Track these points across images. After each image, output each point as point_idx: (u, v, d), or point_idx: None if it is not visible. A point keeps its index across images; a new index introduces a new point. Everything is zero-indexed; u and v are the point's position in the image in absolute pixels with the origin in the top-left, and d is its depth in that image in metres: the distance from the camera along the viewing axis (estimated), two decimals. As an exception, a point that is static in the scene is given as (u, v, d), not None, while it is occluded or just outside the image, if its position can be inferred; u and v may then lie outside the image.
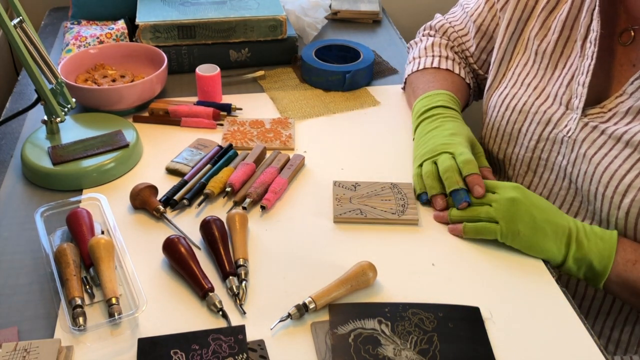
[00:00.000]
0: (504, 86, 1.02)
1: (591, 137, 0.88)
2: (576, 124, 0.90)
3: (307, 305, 0.75)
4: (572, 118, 0.90)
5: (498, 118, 1.01)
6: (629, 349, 0.95)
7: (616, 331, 0.95)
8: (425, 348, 0.72)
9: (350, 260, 0.81)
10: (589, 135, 0.88)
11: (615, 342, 0.95)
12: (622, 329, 0.94)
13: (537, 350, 0.73)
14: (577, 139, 0.89)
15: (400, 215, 0.90)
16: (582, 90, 0.89)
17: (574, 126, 0.90)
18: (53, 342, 0.68)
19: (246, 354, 0.70)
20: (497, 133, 1.01)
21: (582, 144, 0.89)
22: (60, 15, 1.51)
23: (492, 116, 1.02)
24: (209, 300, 0.76)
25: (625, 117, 0.86)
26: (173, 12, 1.26)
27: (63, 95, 1.00)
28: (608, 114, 0.88)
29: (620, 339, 0.95)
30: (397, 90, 1.24)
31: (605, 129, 0.87)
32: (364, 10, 1.51)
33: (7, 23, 0.90)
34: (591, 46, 0.88)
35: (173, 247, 0.81)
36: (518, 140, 0.98)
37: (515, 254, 0.86)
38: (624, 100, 0.86)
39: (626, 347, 0.95)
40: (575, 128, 0.90)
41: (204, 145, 1.04)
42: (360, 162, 1.03)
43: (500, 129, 1.00)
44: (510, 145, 1.00)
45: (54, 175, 0.95)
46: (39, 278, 0.81)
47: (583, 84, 0.89)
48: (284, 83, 1.25)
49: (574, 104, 0.90)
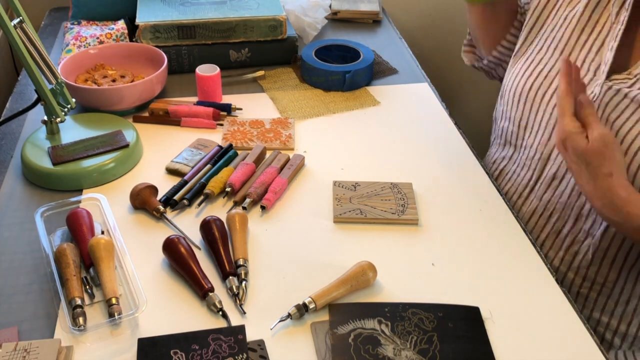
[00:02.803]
0: (530, 51, 1.01)
1: (614, 101, 0.88)
2: (600, 87, 0.89)
3: (307, 305, 0.75)
4: (597, 84, 0.90)
5: (521, 83, 1.00)
6: (635, 342, 0.95)
7: (623, 324, 0.94)
8: (425, 348, 0.72)
9: (350, 260, 0.81)
10: (613, 99, 0.88)
11: (621, 335, 0.95)
12: (629, 322, 0.94)
13: (537, 350, 0.73)
14: (601, 103, 0.89)
15: (400, 215, 0.90)
16: (609, 55, 0.89)
17: (598, 91, 0.89)
18: (53, 342, 0.68)
19: (246, 354, 0.70)
20: (520, 98, 1.00)
21: (606, 108, 0.88)
22: (60, 15, 1.51)
23: (516, 81, 1.01)
24: (209, 300, 0.76)
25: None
26: (173, 12, 1.26)
27: (63, 95, 1.00)
28: (633, 79, 0.87)
29: (628, 332, 0.95)
30: (397, 90, 1.24)
31: (629, 93, 0.87)
32: (364, 10, 1.51)
33: (7, 23, 0.90)
34: (625, 12, 0.89)
35: (173, 247, 0.81)
36: (541, 106, 0.97)
37: (515, 253, 0.86)
38: None
39: (632, 340, 0.95)
40: (599, 92, 0.89)
41: (204, 145, 1.04)
42: (360, 162, 1.03)
43: (523, 94, 0.99)
44: (533, 112, 0.98)
45: (54, 175, 0.95)
46: (39, 278, 0.81)
47: (611, 48, 0.89)
48: (284, 83, 1.25)
49: (601, 70, 0.90)
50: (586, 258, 0.93)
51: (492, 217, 0.92)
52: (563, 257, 0.96)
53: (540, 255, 0.86)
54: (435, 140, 1.09)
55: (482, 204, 0.95)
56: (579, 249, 0.94)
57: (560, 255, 0.96)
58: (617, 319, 0.94)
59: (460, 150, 1.07)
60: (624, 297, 0.92)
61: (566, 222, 0.95)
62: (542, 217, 0.98)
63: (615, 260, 0.91)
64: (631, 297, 0.92)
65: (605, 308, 0.94)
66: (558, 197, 0.96)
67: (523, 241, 0.88)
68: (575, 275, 0.95)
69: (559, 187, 0.96)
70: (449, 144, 1.08)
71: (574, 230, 0.94)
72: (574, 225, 0.94)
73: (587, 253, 0.92)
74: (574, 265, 0.94)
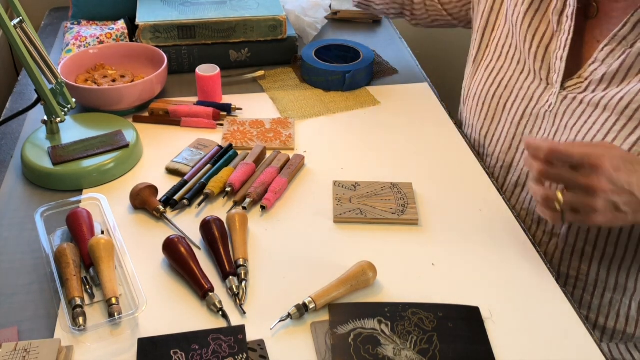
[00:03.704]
0: (489, 59, 1.02)
1: (571, 108, 0.90)
2: (556, 97, 0.91)
3: (307, 305, 0.75)
4: (553, 93, 0.92)
5: (484, 92, 1.01)
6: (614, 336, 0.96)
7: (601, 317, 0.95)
8: (425, 348, 0.72)
9: (350, 260, 0.81)
10: (569, 106, 0.90)
11: (600, 328, 0.96)
12: (607, 316, 0.95)
13: (537, 350, 0.73)
14: (557, 112, 0.91)
15: (400, 215, 0.90)
16: (560, 65, 0.91)
17: (554, 100, 0.91)
18: (53, 342, 0.68)
19: (246, 354, 0.70)
20: (483, 107, 1.02)
21: (563, 116, 0.90)
22: (60, 15, 1.51)
23: (478, 90, 1.02)
24: (209, 300, 0.76)
25: (600, 84, 0.87)
26: (173, 12, 1.26)
27: (63, 95, 1.00)
28: (585, 82, 0.89)
29: (606, 325, 0.95)
30: (397, 90, 1.24)
31: (584, 99, 0.88)
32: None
33: (7, 23, 0.90)
34: (568, 20, 0.90)
35: (173, 247, 0.81)
36: (502, 115, 0.99)
37: (515, 253, 0.86)
38: (597, 68, 0.88)
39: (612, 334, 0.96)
40: (555, 102, 0.91)
41: (204, 145, 1.04)
42: (360, 162, 1.03)
43: (486, 103, 1.01)
44: (495, 121, 1.00)
45: (54, 175, 0.95)
46: (39, 278, 0.81)
47: (561, 58, 0.90)
48: (284, 83, 1.25)
49: (553, 79, 0.92)
50: (555, 257, 0.95)
51: (492, 217, 0.92)
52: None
53: (540, 255, 0.86)
54: (435, 140, 1.09)
55: (482, 204, 0.95)
56: (547, 250, 0.96)
57: None
58: (594, 312, 0.95)
59: (460, 150, 1.07)
60: (599, 290, 0.94)
61: (529, 228, 0.97)
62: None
63: (584, 253, 0.92)
64: (605, 290, 0.93)
65: (582, 302, 0.95)
66: (521, 205, 0.99)
67: (523, 241, 0.88)
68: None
69: (521, 194, 0.99)
70: (449, 144, 1.08)
71: (537, 234, 0.97)
72: (537, 229, 0.96)
73: (555, 252, 0.94)
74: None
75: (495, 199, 0.96)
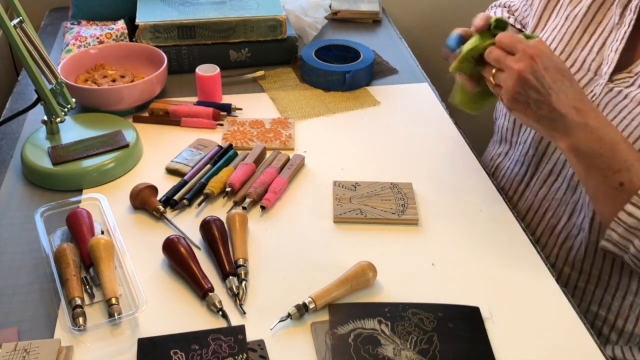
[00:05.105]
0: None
1: (614, 101, 0.88)
2: (601, 89, 0.90)
3: (307, 305, 0.75)
4: (599, 84, 0.91)
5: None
6: (631, 339, 0.95)
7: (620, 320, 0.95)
8: (425, 348, 0.72)
9: (350, 260, 0.81)
10: (613, 99, 0.89)
11: (618, 331, 0.95)
12: (626, 319, 0.94)
13: (537, 350, 0.73)
14: (600, 103, 0.90)
15: (400, 215, 0.90)
16: (613, 57, 0.90)
17: (598, 91, 0.90)
18: (53, 342, 0.68)
19: (246, 354, 0.70)
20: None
21: (604, 108, 0.89)
22: (60, 15, 1.51)
23: None
24: (209, 300, 0.76)
25: None
26: (173, 12, 1.26)
27: (63, 95, 1.00)
28: (634, 77, 0.88)
29: (624, 328, 0.95)
30: (397, 90, 1.24)
31: (629, 93, 0.87)
32: (364, 10, 1.51)
33: (7, 23, 0.90)
34: (630, 13, 0.89)
35: (173, 247, 0.81)
36: None
37: (515, 253, 0.86)
38: None
39: (629, 337, 0.95)
40: (599, 93, 0.90)
41: (204, 145, 1.04)
42: (360, 162, 1.03)
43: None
44: None
45: (54, 175, 0.95)
46: (39, 278, 0.81)
47: (616, 50, 0.89)
48: (284, 83, 1.25)
49: (603, 70, 0.91)
50: (580, 252, 0.94)
51: (492, 217, 0.92)
52: (558, 254, 0.97)
53: (540, 255, 0.86)
54: (435, 140, 1.09)
55: (482, 204, 0.95)
56: (573, 244, 0.95)
57: (555, 252, 0.97)
58: (614, 314, 0.94)
59: (460, 150, 1.07)
60: (620, 292, 0.93)
61: (560, 218, 0.96)
62: (537, 214, 0.99)
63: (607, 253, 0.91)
64: (627, 293, 0.93)
65: (602, 301, 0.95)
66: (553, 194, 0.97)
67: (523, 241, 0.88)
68: (571, 270, 0.95)
69: (554, 183, 0.97)
70: (449, 144, 1.08)
71: (568, 225, 0.95)
72: (568, 220, 0.95)
73: (580, 247, 0.93)
74: (569, 260, 0.95)
75: (495, 199, 0.96)
